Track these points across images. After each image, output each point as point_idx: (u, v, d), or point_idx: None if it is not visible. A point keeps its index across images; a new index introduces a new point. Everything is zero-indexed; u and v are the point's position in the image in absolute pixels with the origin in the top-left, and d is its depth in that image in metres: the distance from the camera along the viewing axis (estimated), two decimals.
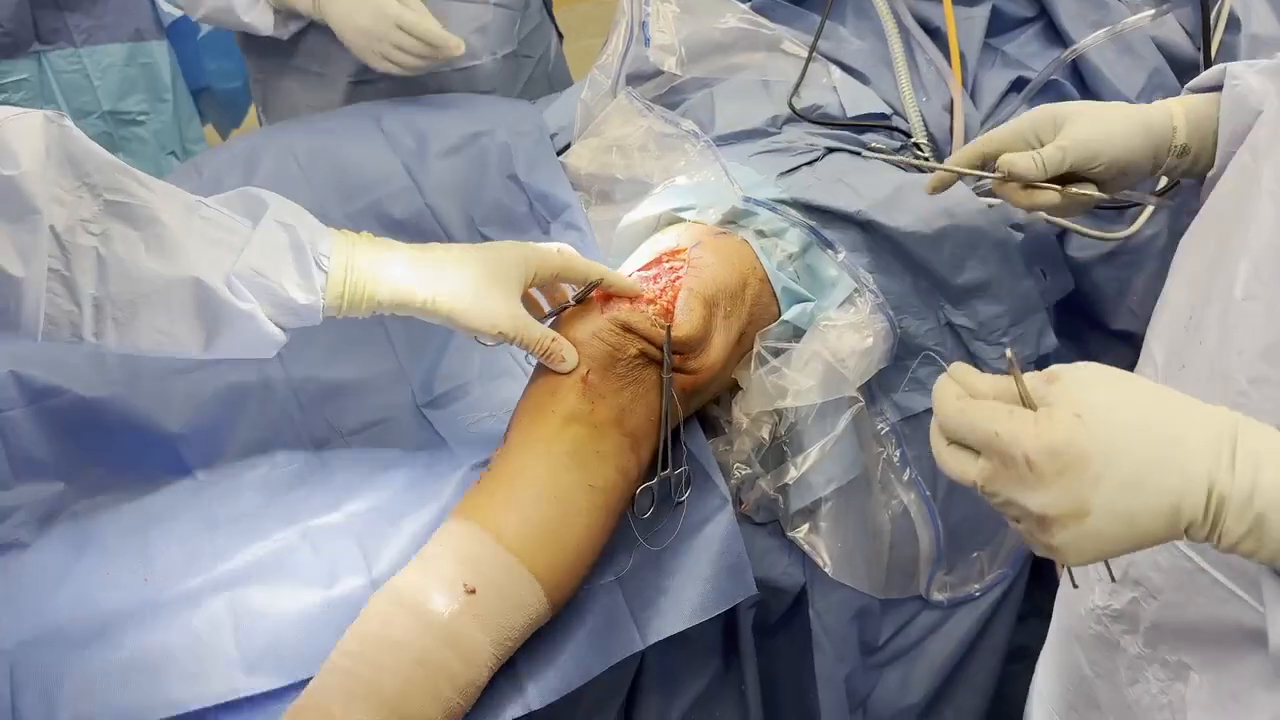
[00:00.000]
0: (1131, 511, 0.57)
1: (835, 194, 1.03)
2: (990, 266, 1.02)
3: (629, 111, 1.18)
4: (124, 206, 0.79)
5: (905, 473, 1.06)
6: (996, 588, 1.14)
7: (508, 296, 0.90)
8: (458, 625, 0.81)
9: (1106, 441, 0.56)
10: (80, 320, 0.78)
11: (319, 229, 0.88)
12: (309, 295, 0.86)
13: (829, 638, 1.04)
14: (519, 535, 0.85)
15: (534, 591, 0.85)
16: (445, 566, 0.84)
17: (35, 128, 0.76)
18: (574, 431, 0.89)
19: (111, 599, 0.88)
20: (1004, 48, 1.20)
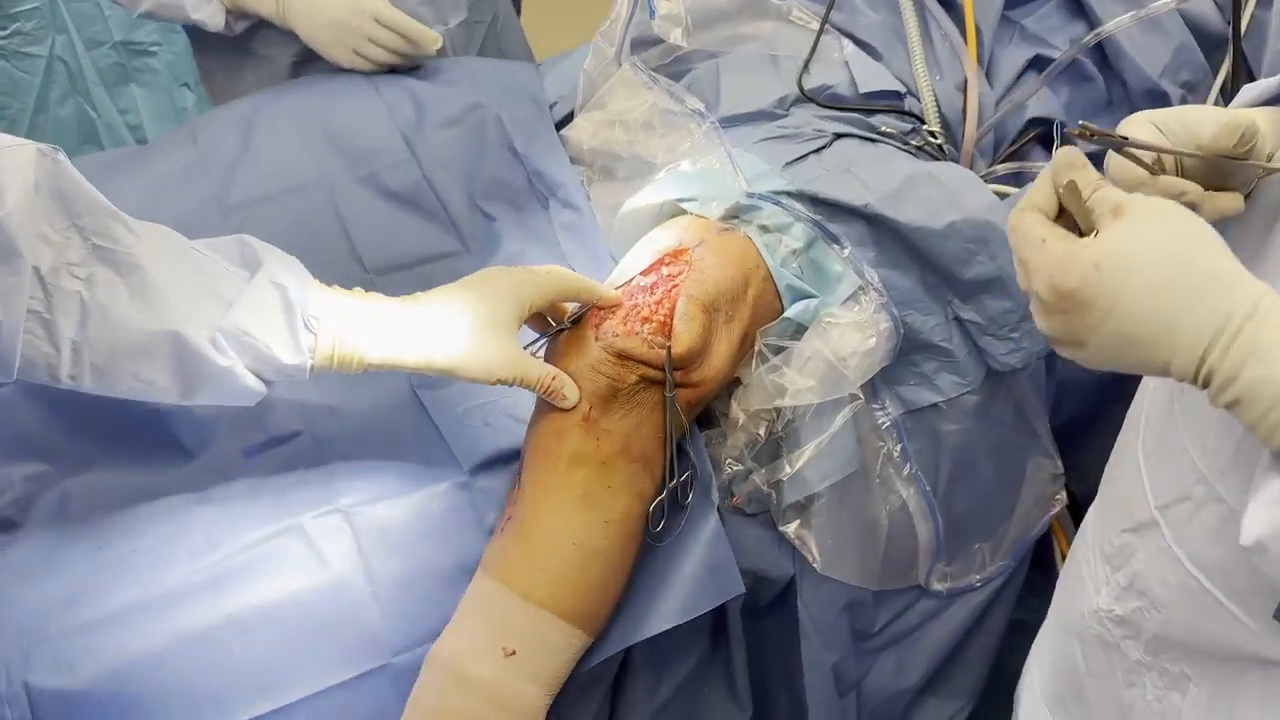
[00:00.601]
0: (1122, 355, 0.61)
1: (842, 186, 1.00)
2: (1000, 261, 0.99)
3: (633, 84, 1.15)
4: (110, 252, 0.78)
5: (905, 468, 1.05)
6: (997, 579, 1.14)
7: (502, 339, 0.88)
8: (505, 686, 0.86)
9: (1112, 299, 0.59)
10: (58, 363, 0.78)
11: (311, 287, 0.86)
12: (297, 357, 0.85)
13: (816, 627, 1.05)
14: (545, 589, 0.88)
15: (570, 633, 0.89)
16: (481, 632, 0.88)
17: (27, 162, 0.74)
18: (581, 474, 0.90)
19: (99, 585, 0.88)
20: (1023, 21, 1.15)
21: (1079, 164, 0.64)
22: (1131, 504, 0.76)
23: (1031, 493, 1.12)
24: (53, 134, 2.29)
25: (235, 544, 0.91)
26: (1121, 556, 0.78)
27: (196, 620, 0.86)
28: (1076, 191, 0.63)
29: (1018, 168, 1.10)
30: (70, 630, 0.84)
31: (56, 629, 0.84)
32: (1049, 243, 0.62)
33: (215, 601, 0.87)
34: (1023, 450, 1.09)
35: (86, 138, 2.34)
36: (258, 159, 1.16)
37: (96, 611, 0.86)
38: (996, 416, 1.07)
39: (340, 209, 1.13)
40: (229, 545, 0.91)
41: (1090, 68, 1.13)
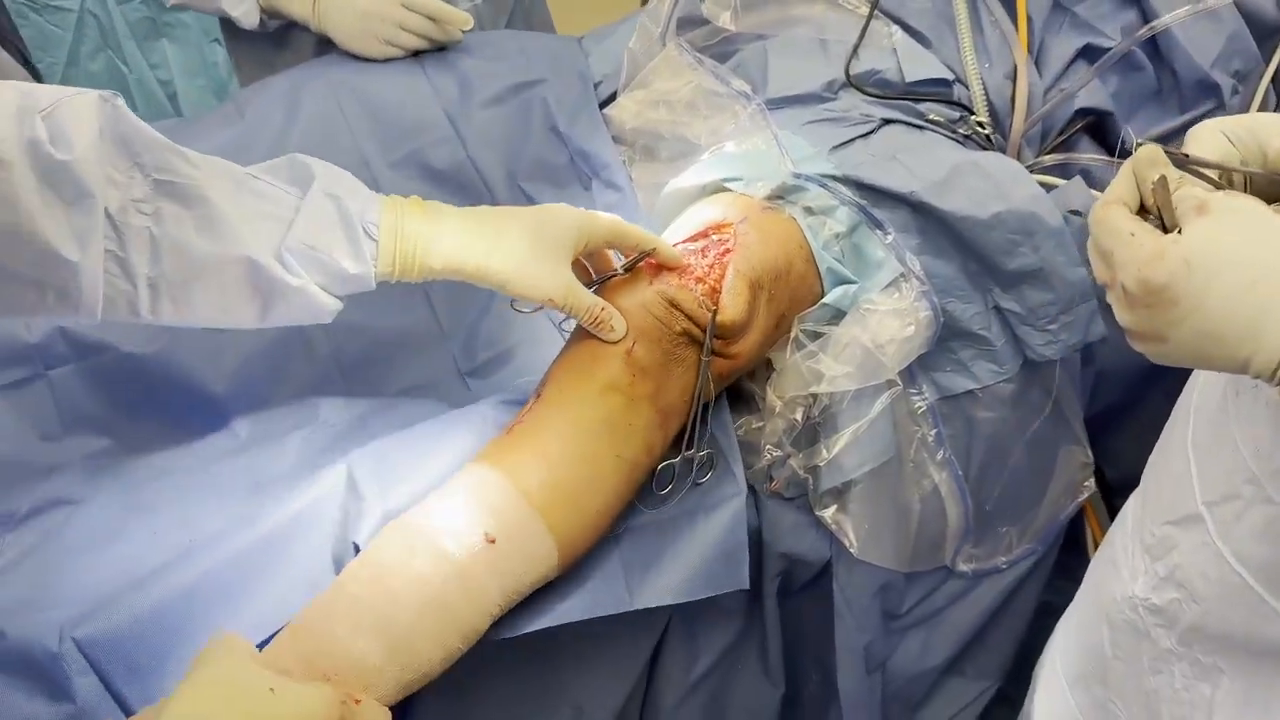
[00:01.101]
0: (1203, 352, 0.61)
1: (888, 172, 1.00)
2: (1043, 253, 1.00)
3: (678, 64, 1.15)
4: (173, 185, 0.80)
5: (939, 453, 1.06)
6: (1024, 561, 1.15)
7: (558, 263, 0.89)
8: (474, 572, 0.82)
9: (1200, 296, 0.59)
10: (137, 299, 0.80)
11: (367, 197, 0.88)
12: (360, 265, 0.86)
13: (851, 610, 1.06)
14: (544, 494, 0.86)
15: (549, 550, 0.86)
16: (469, 512, 0.84)
17: (90, 107, 0.77)
18: (612, 400, 0.89)
19: (157, 560, 0.90)
20: (1074, 8, 1.13)
21: (1161, 160, 0.64)
22: (1177, 497, 0.77)
23: (1061, 479, 1.13)
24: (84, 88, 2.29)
25: (276, 516, 0.91)
26: (1162, 548, 0.78)
27: (232, 547, 0.87)
28: (1166, 187, 0.63)
29: (1065, 158, 1.10)
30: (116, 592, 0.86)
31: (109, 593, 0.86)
32: (1138, 236, 0.63)
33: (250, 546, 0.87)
34: (1055, 439, 1.10)
35: (118, 92, 2.34)
36: (302, 136, 1.17)
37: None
38: (1031, 405, 1.08)
39: (383, 188, 1.13)
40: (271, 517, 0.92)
41: (1140, 57, 1.12)
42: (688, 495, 0.96)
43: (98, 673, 0.81)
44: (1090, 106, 1.11)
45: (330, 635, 0.78)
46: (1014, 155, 1.10)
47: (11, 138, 0.73)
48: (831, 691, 1.10)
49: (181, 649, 0.84)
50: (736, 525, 0.96)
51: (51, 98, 0.76)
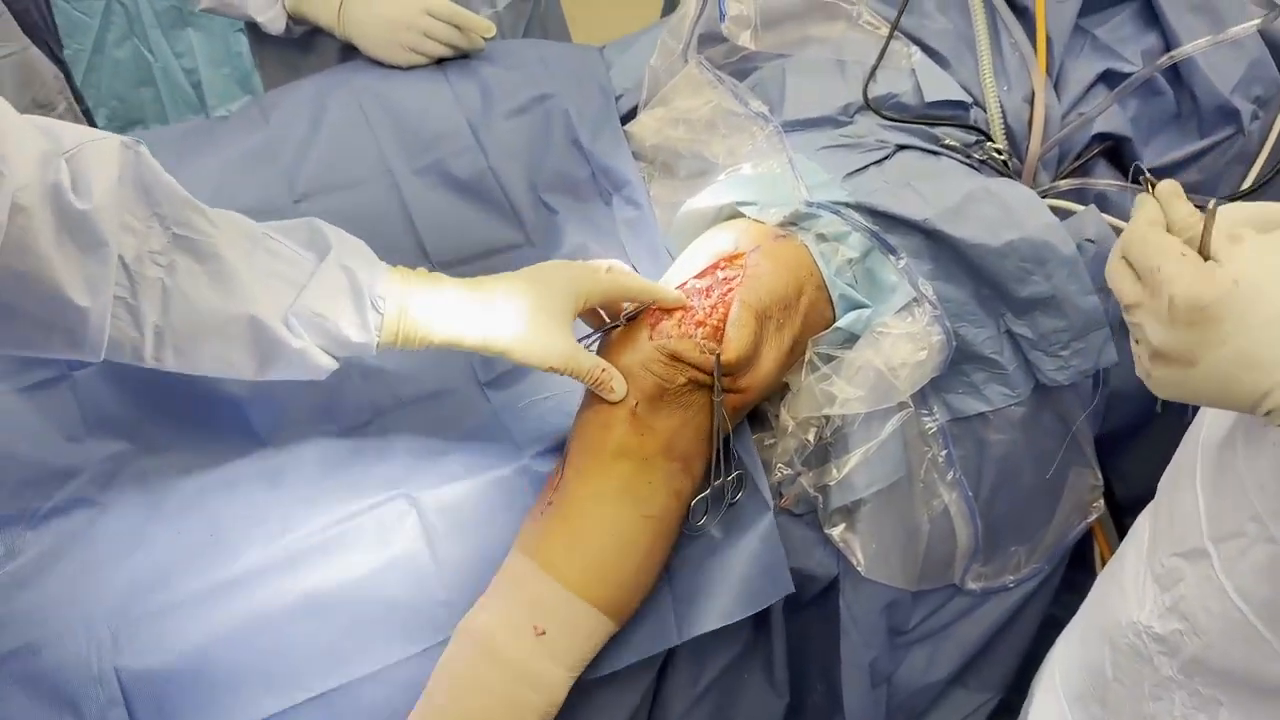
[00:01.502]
0: (1231, 379, 0.61)
1: (901, 200, 1.01)
2: (1055, 281, 1.01)
3: (698, 82, 1.16)
4: (190, 241, 0.83)
5: (950, 473, 1.07)
6: (1030, 581, 1.17)
7: (558, 328, 0.93)
8: (534, 665, 0.90)
9: (1245, 315, 0.60)
10: (142, 346, 0.83)
11: (377, 269, 0.92)
12: (364, 335, 0.90)
13: (857, 626, 1.08)
14: (579, 575, 0.91)
15: (599, 620, 0.92)
16: (514, 610, 0.91)
17: (112, 153, 0.79)
18: (623, 467, 0.93)
19: (180, 566, 0.93)
20: (1095, 31, 1.14)
21: (1181, 194, 0.66)
22: (1185, 530, 0.78)
23: (1070, 500, 1.14)
24: (110, 75, 2.33)
25: (307, 528, 0.96)
26: (1170, 579, 0.80)
27: (271, 601, 0.91)
28: (1214, 215, 0.64)
29: (1081, 184, 1.10)
30: (154, 612, 0.90)
31: (141, 610, 0.90)
32: (1187, 254, 0.64)
33: (289, 583, 0.92)
34: (1065, 461, 1.12)
35: (143, 80, 2.37)
36: (326, 144, 1.18)
37: (178, 593, 0.91)
38: (1042, 428, 1.09)
39: (405, 199, 1.16)
40: (301, 529, 0.96)
41: (1160, 82, 1.12)
42: (722, 519, 1.00)
43: (128, 707, 0.86)
44: (1108, 131, 1.11)
45: None
46: (1030, 179, 1.11)
47: (33, 184, 0.74)
48: (836, 702, 1.12)
49: (213, 696, 0.88)
50: (771, 540, 1.00)
51: (75, 139, 0.78)
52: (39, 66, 1.61)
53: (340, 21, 1.32)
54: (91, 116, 1.80)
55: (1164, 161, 1.12)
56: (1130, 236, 0.68)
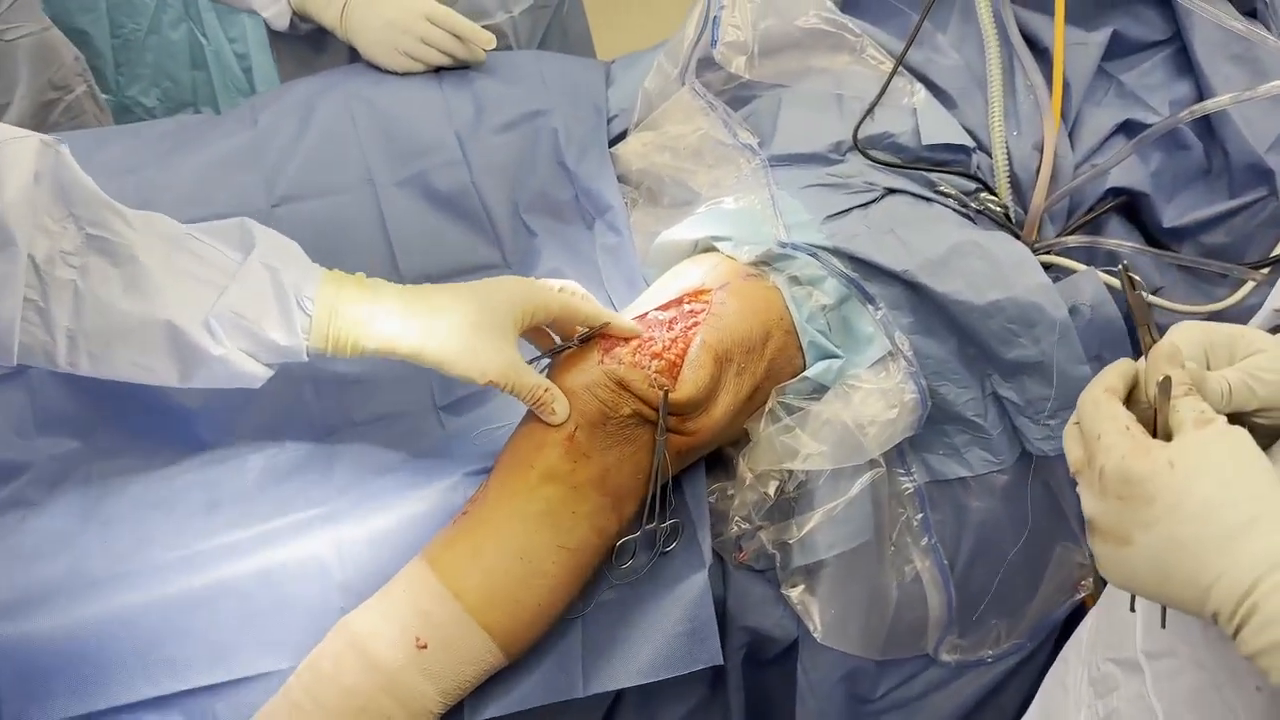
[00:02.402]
0: (1167, 568, 0.58)
1: (882, 247, 0.96)
2: (1043, 346, 0.94)
3: (690, 109, 1.11)
4: (105, 242, 0.80)
5: (924, 539, 1.01)
6: (1012, 656, 1.10)
7: (499, 341, 0.88)
8: (405, 677, 0.84)
9: (1176, 499, 0.58)
10: (54, 350, 0.81)
11: (307, 270, 0.88)
12: (290, 338, 0.86)
13: (814, 693, 1.03)
14: (478, 594, 0.86)
15: (487, 648, 0.86)
16: (401, 616, 0.85)
17: (29, 154, 0.77)
18: (550, 491, 0.88)
19: (101, 575, 0.91)
20: (1121, 76, 1.06)
21: (1178, 360, 0.64)
22: (1121, 635, 0.74)
23: (1056, 577, 1.07)
24: (164, 56, 2.36)
25: (223, 539, 0.93)
26: (1105, 685, 0.75)
27: (162, 589, 0.88)
28: (1168, 390, 0.62)
29: (1090, 241, 1.03)
30: (42, 591, 0.88)
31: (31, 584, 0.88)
32: (1131, 430, 0.62)
33: (186, 576, 0.90)
34: (1051, 535, 1.05)
35: (196, 63, 2.40)
36: (310, 149, 1.17)
37: (73, 581, 0.89)
38: (1026, 499, 1.02)
39: (384, 210, 1.14)
40: (216, 539, 0.93)
41: (1188, 135, 1.04)
42: (651, 569, 0.94)
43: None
44: (1124, 186, 1.04)
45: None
46: (1032, 232, 1.04)
47: None
48: None
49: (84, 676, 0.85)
50: (702, 600, 0.94)
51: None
52: (59, 48, 1.62)
53: (342, 22, 1.30)
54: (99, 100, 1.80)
55: (1187, 221, 1.04)
56: (1083, 399, 0.66)
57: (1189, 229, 1.05)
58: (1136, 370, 0.67)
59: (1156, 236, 1.07)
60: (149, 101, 2.39)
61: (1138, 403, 0.66)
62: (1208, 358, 0.69)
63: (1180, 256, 1.04)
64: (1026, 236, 1.04)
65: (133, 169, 1.17)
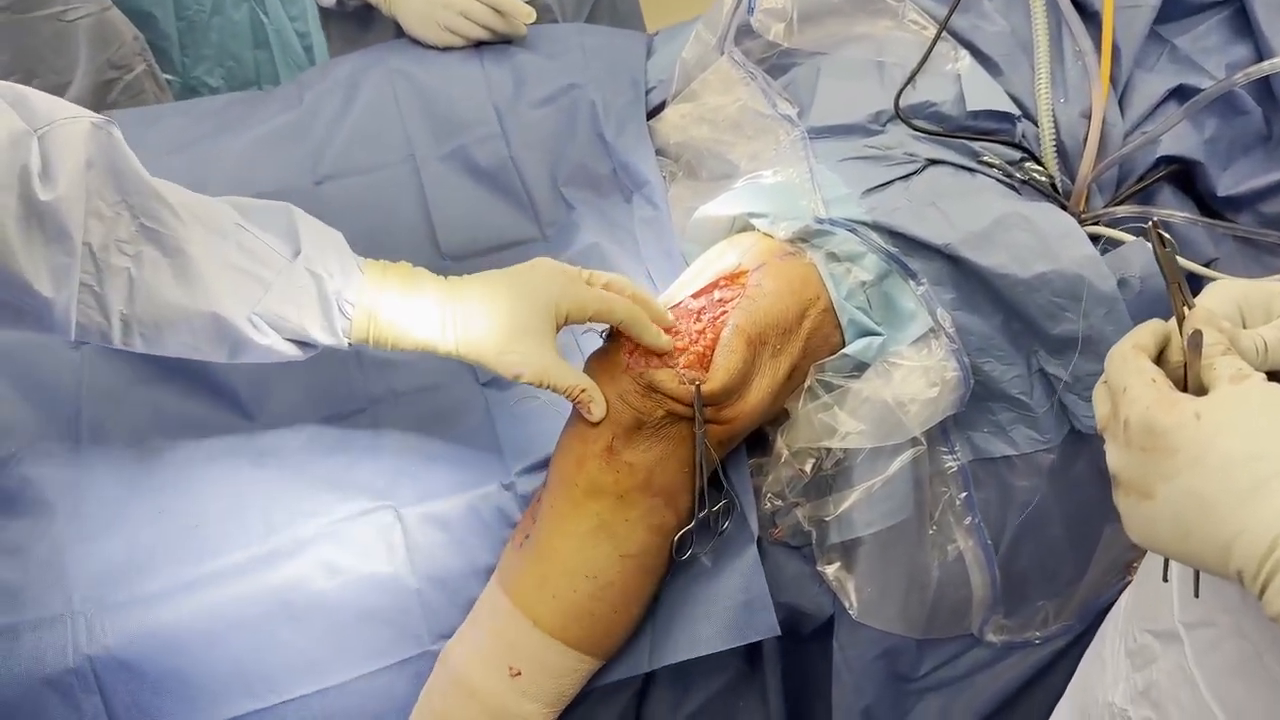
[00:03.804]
0: (1187, 523, 0.56)
1: (923, 221, 0.91)
2: (1091, 320, 0.89)
3: (730, 79, 1.07)
4: (156, 234, 0.80)
5: (968, 518, 0.97)
6: (1060, 638, 1.05)
7: (535, 345, 0.87)
8: (509, 704, 0.88)
9: (1200, 451, 0.56)
10: (110, 331, 0.81)
11: (349, 270, 0.87)
12: (332, 338, 0.86)
13: (849, 669, 1.00)
14: (555, 618, 0.88)
15: (577, 659, 0.89)
16: (490, 648, 0.89)
17: (80, 138, 0.76)
18: (598, 506, 0.87)
19: (159, 552, 0.91)
20: (1175, 40, 0.99)
21: (1215, 321, 0.61)
22: (1158, 606, 0.71)
23: (1105, 558, 1.02)
24: (227, 36, 2.37)
25: (291, 530, 0.93)
26: (1143, 657, 0.72)
27: (250, 601, 0.89)
28: (1198, 345, 0.60)
29: (1141, 211, 0.97)
30: (131, 600, 0.88)
31: (118, 597, 0.88)
32: (1159, 383, 0.60)
33: (269, 585, 0.90)
34: (1100, 515, 1.00)
35: (258, 42, 2.40)
36: (354, 126, 1.15)
37: (156, 583, 0.89)
38: (1074, 478, 0.97)
39: (425, 186, 1.12)
40: (285, 531, 0.93)
41: (1245, 99, 0.97)
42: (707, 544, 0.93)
43: (102, 696, 0.85)
44: (1175, 154, 0.98)
45: None
46: (1080, 203, 0.98)
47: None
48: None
49: (187, 691, 0.87)
50: (754, 576, 0.93)
51: (48, 115, 0.76)
52: (119, 27, 1.62)
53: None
54: (159, 79, 1.81)
55: (1243, 189, 0.98)
56: (1111, 355, 0.64)
57: (1246, 198, 0.98)
58: (1167, 330, 0.64)
59: (1211, 206, 1.00)
60: (214, 81, 2.40)
61: (1168, 362, 0.63)
62: (1243, 315, 0.66)
63: (1236, 226, 0.98)
64: (1073, 207, 0.98)
65: (182, 147, 1.16)
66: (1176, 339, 0.63)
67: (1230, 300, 0.65)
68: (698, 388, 0.85)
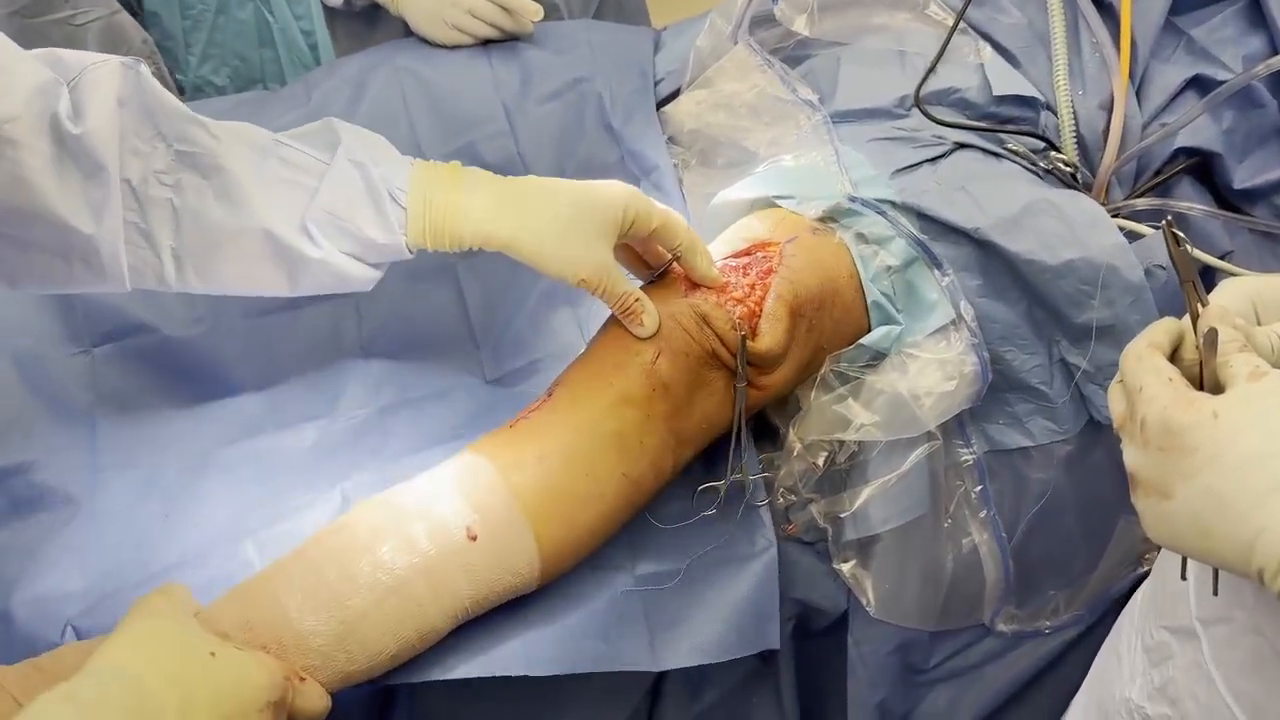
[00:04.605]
0: (1207, 522, 0.55)
1: (953, 204, 0.88)
2: (1117, 309, 0.87)
3: (747, 65, 1.04)
4: (193, 156, 0.76)
5: (983, 511, 0.95)
6: (1070, 629, 1.04)
7: (596, 241, 0.81)
8: (446, 569, 0.74)
9: (1218, 450, 0.55)
10: (162, 269, 0.78)
11: (396, 162, 0.83)
12: (388, 234, 0.81)
13: (864, 665, 0.97)
14: (537, 499, 0.77)
15: (531, 561, 0.77)
16: (453, 502, 0.76)
17: (111, 76, 0.74)
18: (626, 414, 0.80)
19: (166, 544, 0.89)
20: (1191, 31, 0.98)
21: (1228, 320, 0.60)
22: (1175, 602, 0.70)
23: (1119, 550, 1.00)
24: (232, 36, 2.35)
25: (296, 537, 0.90)
26: (1160, 654, 0.72)
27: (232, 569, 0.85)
28: (1213, 343, 0.59)
29: (1159, 204, 0.95)
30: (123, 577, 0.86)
31: (119, 605, 0.85)
32: (1175, 382, 0.59)
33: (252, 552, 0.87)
34: (1114, 506, 0.97)
35: (263, 41, 2.39)
36: (361, 124, 1.09)
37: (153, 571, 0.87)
38: (1090, 469, 0.95)
39: None
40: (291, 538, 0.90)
41: (1262, 92, 0.95)
42: (712, 548, 0.89)
43: None
44: (1193, 146, 0.96)
45: (277, 604, 0.71)
46: (1100, 195, 0.96)
47: (22, 117, 0.70)
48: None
49: None
50: (769, 581, 0.88)
51: (78, 66, 0.74)
52: (129, 30, 1.60)
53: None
54: (182, 86, 1.80)
55: (1260, 182, 0.96)
56: (1126, 354, 0.63)
57: (1262, 190, 0.97)
58: (1181, 328, 0.63)
59: (1228, 198, 0.99)
60: (220, 81, 2.38)
61: (1182, 360, 0.63)
62: (1257, 312, 0.65)
63: (1253, 219, 0.96)
64: (1095, 198, 0.96)
65: None
66: (1191, 337, 0.63)
67: (1244, 296, 0.64)
68: (743, 339, 0.81)
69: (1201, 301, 0.63)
